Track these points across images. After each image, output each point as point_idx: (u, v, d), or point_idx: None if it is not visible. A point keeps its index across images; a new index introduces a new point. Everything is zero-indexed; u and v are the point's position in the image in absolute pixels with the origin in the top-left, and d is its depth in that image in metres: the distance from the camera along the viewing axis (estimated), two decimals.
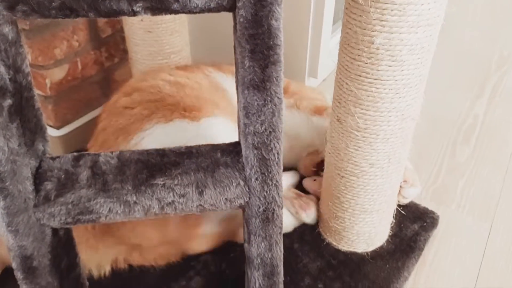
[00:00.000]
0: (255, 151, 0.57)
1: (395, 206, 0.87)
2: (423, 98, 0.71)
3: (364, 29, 0.61)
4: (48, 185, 0.57)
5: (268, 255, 0.64)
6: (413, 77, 0.65)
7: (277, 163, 0.58)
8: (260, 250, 0.63)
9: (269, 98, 0.53)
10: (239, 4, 0.49)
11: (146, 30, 0.94)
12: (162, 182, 0.58)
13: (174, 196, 0.58)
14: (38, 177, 0.57)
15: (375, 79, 0.64)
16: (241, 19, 0.50)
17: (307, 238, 0.88)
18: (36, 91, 0.99)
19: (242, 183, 0.59)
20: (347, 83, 0.68)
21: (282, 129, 0.57)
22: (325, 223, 0.87)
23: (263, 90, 0.53)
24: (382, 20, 0.59)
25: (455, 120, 1.30)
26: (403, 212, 0.93)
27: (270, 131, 0.56)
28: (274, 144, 0.56)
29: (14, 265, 0.59)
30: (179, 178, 0.59)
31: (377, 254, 0.86)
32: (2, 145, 0.51)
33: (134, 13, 0.50)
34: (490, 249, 0.92)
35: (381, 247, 0.87)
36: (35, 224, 0.57)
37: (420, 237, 0.89)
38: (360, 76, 0.65)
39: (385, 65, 0.63)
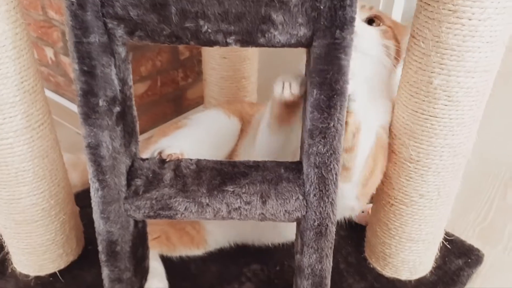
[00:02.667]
0: (316, 170, 0.64)
1: (441, 239, 0.90)
2: (475, 137, 0.76)
3: (424, 70, 0.68)
4: (138, 182, 0.67)
5: (318, 266, 0.70)
6: (467, 117, 0.70)
7: (334, 183, 0.65)
8: (311, 261, 0.69)
9: (332, 123, 0.61)
10: (315, 43, 0.58)
11: (222, 56, 1.05)
12: (232, 189, 0.67)
13: (240, 202, 0.67)
14: (130, 174, 0.67)
15: (430, 115, 0.70)
16: (315, 56, 0.58)
17: (353, 260, 0.93)
18: None
19: (301, 197, 0.67)
20: (403, 117, 0.74)
21: (341, 152, 0.64)
22: (372, 248, 0.92)
23: (328, 116, 0.60)
24: (441, 64, 0.66)
25: (509, 162, 1.31)
26: (448, 246, 0.96)
27: (331, 153, 0.63)
28: (333, 165, 0.64)
29: (100, 248, 0.69)
30: (247, 187, 0.67)
31: (419, 283, 0.89)
32: (108, 144, 0.62)
33: (226, 44, 0.60)
34: None
35: (424, 277, 0.90)
36: (123, 214, 0.67)
37: (464, 272, 0.92)
38: (416, 112, 0.72)
39: (441, 104, 0.69)
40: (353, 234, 1.00)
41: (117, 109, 0.62)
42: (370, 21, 0.76)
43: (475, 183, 1.22)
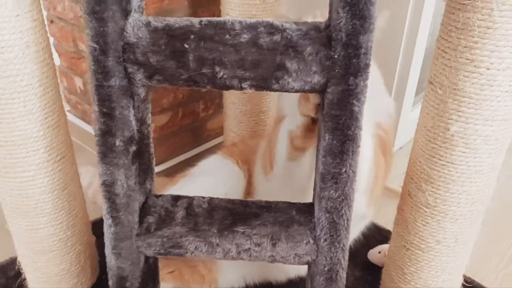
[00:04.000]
0: (327, 215, 0.64)
1: (460, 286, 0.87)
2: (495, 184, 0.74)
3: (441, 116, 0.67)
4: (150, 219, 0.68)
5: None
6: (486, 164, 0.68)
7: (345, 228, 0.64)
8: None
9: (344, 169, 0.61)
10: (329, 90, 0.58)
11: (241, 91, 1.06)
12: (242, 230, 0.67)
13: (250, 244, 0.67)
14: (143, 211, 0.68)
15: (448, 162, 0.69)
16: (328, 101, 0.59)
17: None
18: None
19: (311, 241, 0.66)
20: (420, 161, 0.73)
21: (353, 198, 0.63)
22: None
23: (340, 161, 0.60)
24: (458, 111, 0.65)
25: None
26: None
27: (342, 198, 0.63)
28: (345, 210, 0.63)
29: (110, 283, 0.70)
30: (257, 228, 0.67)
31: None
32: (123, 182, 0.64)
33: (241, 89, 0.61)
34: None
35: None
36: (134, 250, 0.68)
37: None
38: (433, 157, 0.71)
39: (459, 151, 0.68)
40: (369, 275, 0.98)
41: (133, 148, 0.64)
42: None
43: (496, 227, 1.18)
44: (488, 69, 0.61)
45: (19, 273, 0.90)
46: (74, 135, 0.87)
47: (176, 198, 0.71)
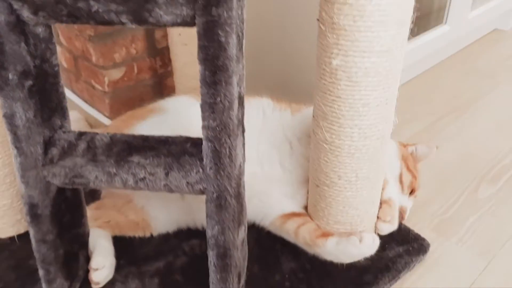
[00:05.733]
0: (209, 144, 0.67)
1: (373, 226, 0.90)
2: (394, 120, 0.76)
3: (325, 51, 0.69)
4: (54, 151, 0.73)
5: (221, 238, 0.73)
6: (372, 98, 0.70)
7: (229, 157, 0.68)
8: (213, 232, 0.73)
9: (219, 98, 0.64)
10: (196, 22, 0.61)
11: (183, 43, 1.10)
12: (137, 160, 0.71)
13: (145, 173, 0.71)
14: (49, 144, 0.74)
15: (336, 97, 0.71)
16: (198, 33, 0.61)
17: (289, 242, 0.95)
18: (96, 86, 1.20)
19: (201, 170, 0.70)
20: (317, 99, 0.76)
21: (234, 126, 0.66)
22: None
23: (214, 91, 0.63)
24: (338, 44, 0.67)
25: (491, 159, 1.26)
26: (392, 231, 0.95)
27: (222, 128, 0.66)
28: (225, 139, 0.66)
29: (24, 211, 0.76)
30: (151, 159, 0.71)
31: (352, 266, 0.89)
32: (21, 115, 0.69)
33: (122, 23, 0.64)
34: (478, 285, 0.90)
35: (358, 262, 0.90)
36: (42, 180, 0.74)
37: (401, 260, 0.91)
38: (325, 93, 0.73)
39: (344, 85, 0.69)
40: None
41: (29, 83, 0.68)
42: None
43: (450, 176, 1.19)
44: (357, 0, 0.62)
45: None
46: None
47: (81, 134, 0.76)
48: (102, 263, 0.86)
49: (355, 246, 0.81)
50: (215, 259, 0.74)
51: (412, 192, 1.00)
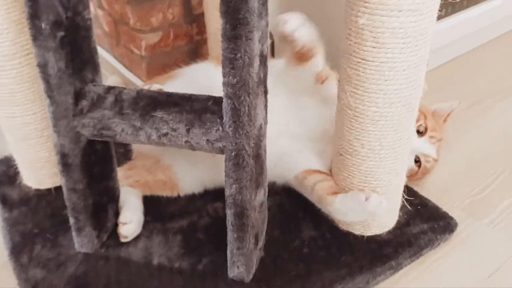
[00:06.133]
0: (229, 101, 0.67)
1: (399, 200, 0.88)
2: (423, 87, 0.73)
3: (352, 9, 0.67)
4: (84, 102, 0.76)
5: (238, 197, 0.73)
6: (399, 61, 0.68)
7: (248, 115, 0.68)
8: (231, 191, 0.73)
9: (239, 54, 0.64)
10: None
11: (216, 8, 1.09)
12: (160, 115, 0.73)
13: (168, 128, 0.73)
14: (79, 95, 0.77)
15: (361, 59, 0.69)
16: None
17: (312, 210, 0.94)
18: (134, 50, 1.23)
19: (220, 128, 0.71)
20: (343, 61, 0.74)
21: (254, 84, 0.66)
22: None
23: (234, 46, 0.63)
24: (365, 2, 0.64)
25: None
26: (420, 209, 0.93)
27: (241, 84, 0.66)
28: (244, 96, 0.66)
29: (57, 159, 0.80)
30: (174, 115, 0.73)
31: (371, 240, 0.88)
32: (53, 64, 0.72)
33: None
34: (506, 269, 0.86)
35: (379, 235, 0.89)
36: (72, 129, 0.77)
37: (424, 236, 0.88)
38: (350, 55, 0.71)
39: (369, 46, 0.67)
40: None
41: (61, 33, 0.71)
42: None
43: (484, 158, 1.13)
44: None
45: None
46: None
47: (110, 88, 0.78)
48: (130, 218, 0.89)
49: (360, 203, 0.78)
50: (232, 218, 0.75)
51: (424, 131, 0.96)
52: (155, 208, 0.97)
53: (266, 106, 0.75)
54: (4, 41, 0.84)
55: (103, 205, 0.88)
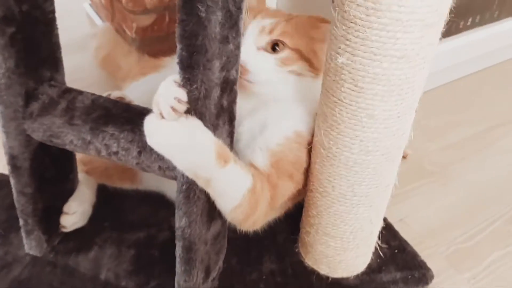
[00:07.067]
0: None
1: (372, 244, 0.80)
2: (409, 136, 0.64)
3: (334, 43, 0.58)
4: (34, 105, 0.70)
5: (187, 230, 0.67)
6: (380, 110, 0.59)
7: None
8: (181, 224, 0.67)
9: (195, 85, 0.56)
10: None
11: None
12: (111, 132, 0.66)
13: (118, 147, 0.66)
14: (30, 97, 0.70)
15: (338, 99, 0.61)
16: (177, 4, 0.53)
17: (280, 240, 0.88)
18: (126, 30, 1.15)
19: None
20: (321, 96, 0.65)
21: (212, 116, 0.59)
22: (300, 232, 0.85)
23: (190, 75, 0.56)
24: (346, 39, 0.55)
25: None
26: (396, 255, 0.85)
27: (198, 117, 0.58)
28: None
29: (6, 160, 0.74)
30: (126, 133, 0.66)
31: (337, 283, 0.81)
32: (1, 62, 0.65)
33: None
34: None
35: (345, 279, 0.82)
36: (22, 132, 0.71)
37: (395, 287, 0.81)
38: (328, 92, 0.62)
39: (348, 88, 0.58)
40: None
41: (11, 29, 0.64)
42: (274, 45, 0.72)
43: (482, 199, 1.04)
44: None
45: None
46: None
47: (67, 90, 0.72)
48: (74, 208, 0.84)
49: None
50: (180, 250, 0.69)
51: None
52: (116, 213, 0.91)
53: (230, 133, 0.67)
54: None
55: (56, 208, 0.83)
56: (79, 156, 0.87)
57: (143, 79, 0.97)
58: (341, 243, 0.77)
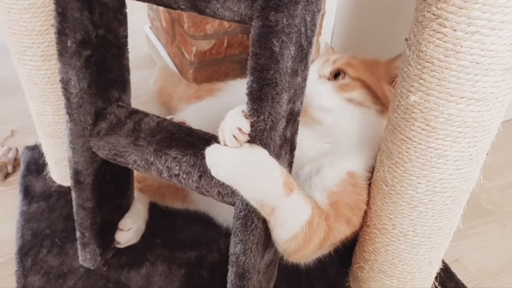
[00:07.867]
0: None
1: (429, 286, 0.77)
2: (478, 179, 0.61)
3: (405, 81, 0.57)
4: (102, 124, 0.72)
5: (241, 258, 0.67)
6: (451, 150, 0.57)
7: None
8: (235, 250, 0.67)
9: (262, 116, 0.56)
10: (253, 24, 0.53)
11: None
12: (174, 154, 0.67)
13: (179, 170, 0.67)
14: (99, 116, 0.73)
15: (406, 137, 0.59)
16: (252, 38, 0.54)
17: (331, 271, 0.86)
18: (185, 53, 1.19)
19: None
20: (386, 132, 0.64)
21: (276, 147, 0.59)
22: (352, 265, 0.83)
23: (258, 107, 0.56)
24: (420, 78, 0.54)
25: None
26: None
27: (262, 147, 0.58)
28: None
29: (69, 174, 0.77)
30: (188, 157, 0.67)
31: None
32: (75, 83, 0.68)
33: (181, 9, 0.59)
34: None
35: None
36: (88, 149, 0.74)
37: None
38: (395, 129, 0.61)
39: (418, 127, 0.57)
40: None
41: (87, 52, 0.67)
42: (336, 75, 0.73)
43: None
44: (454, 29, 0.48)
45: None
46: None
47: (134, 112, 0.74)
48: (129, 225, 0.86)
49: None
50: (233, 276, 0.69)
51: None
52: (168, 231, 0.93)
53: (290, 163, 0.67)
54: (42, 42, 0.81)
55: (112, 222, 0.86)
56: (134, 173, 0.90)
57: (199, 103, 0.98)
58: (397, 283, 0.74)
